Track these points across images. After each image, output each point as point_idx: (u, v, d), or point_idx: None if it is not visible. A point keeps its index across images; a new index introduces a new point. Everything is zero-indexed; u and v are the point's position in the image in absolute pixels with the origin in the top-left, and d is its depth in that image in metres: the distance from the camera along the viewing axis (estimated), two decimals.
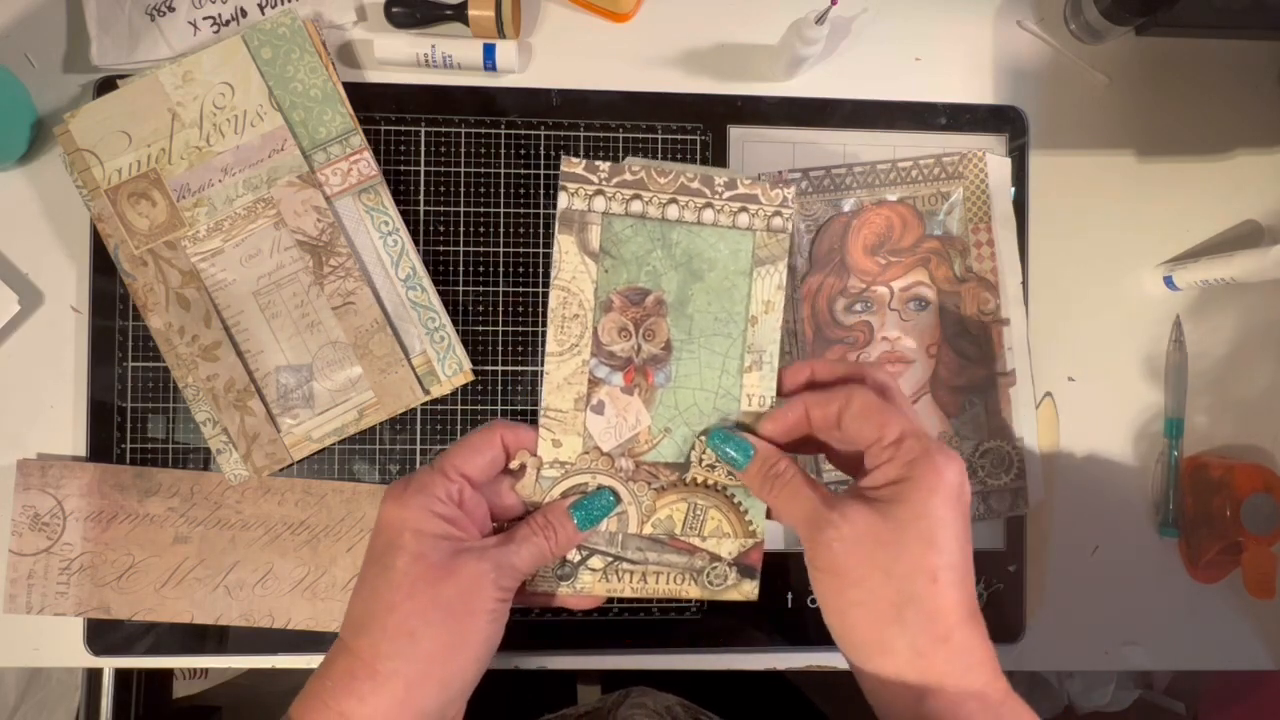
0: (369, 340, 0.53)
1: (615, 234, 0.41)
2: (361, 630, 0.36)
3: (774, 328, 0.42)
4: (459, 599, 0.36)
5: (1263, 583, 0.57)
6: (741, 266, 0.42)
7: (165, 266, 0.52)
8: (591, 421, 0.41)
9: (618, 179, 0.41)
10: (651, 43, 0.59)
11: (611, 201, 0.41)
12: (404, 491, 0.37)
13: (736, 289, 0.42)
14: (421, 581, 0.36)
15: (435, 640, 0.35)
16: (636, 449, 0.41)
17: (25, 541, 0.53)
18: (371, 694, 0.35)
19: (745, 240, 0.42)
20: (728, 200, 0.41)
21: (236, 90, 0.52)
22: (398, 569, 0.36)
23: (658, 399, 0.41)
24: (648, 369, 0.41)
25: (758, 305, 0.42)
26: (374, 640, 0.36)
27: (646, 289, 0.41)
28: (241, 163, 0.52)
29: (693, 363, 0.42)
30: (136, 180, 0.52)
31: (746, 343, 0.42)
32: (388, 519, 0.37)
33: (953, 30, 0.60)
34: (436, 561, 0.36)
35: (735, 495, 0.42)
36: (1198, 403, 0.61)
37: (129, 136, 0.51)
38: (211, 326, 0.52)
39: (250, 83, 0.52)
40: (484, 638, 0.37)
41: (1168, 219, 0.61)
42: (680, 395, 0.42)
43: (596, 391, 0.41)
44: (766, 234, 0.42)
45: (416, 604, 0.35)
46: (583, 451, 0.41)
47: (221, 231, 0.52)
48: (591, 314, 0.41)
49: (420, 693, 0.35)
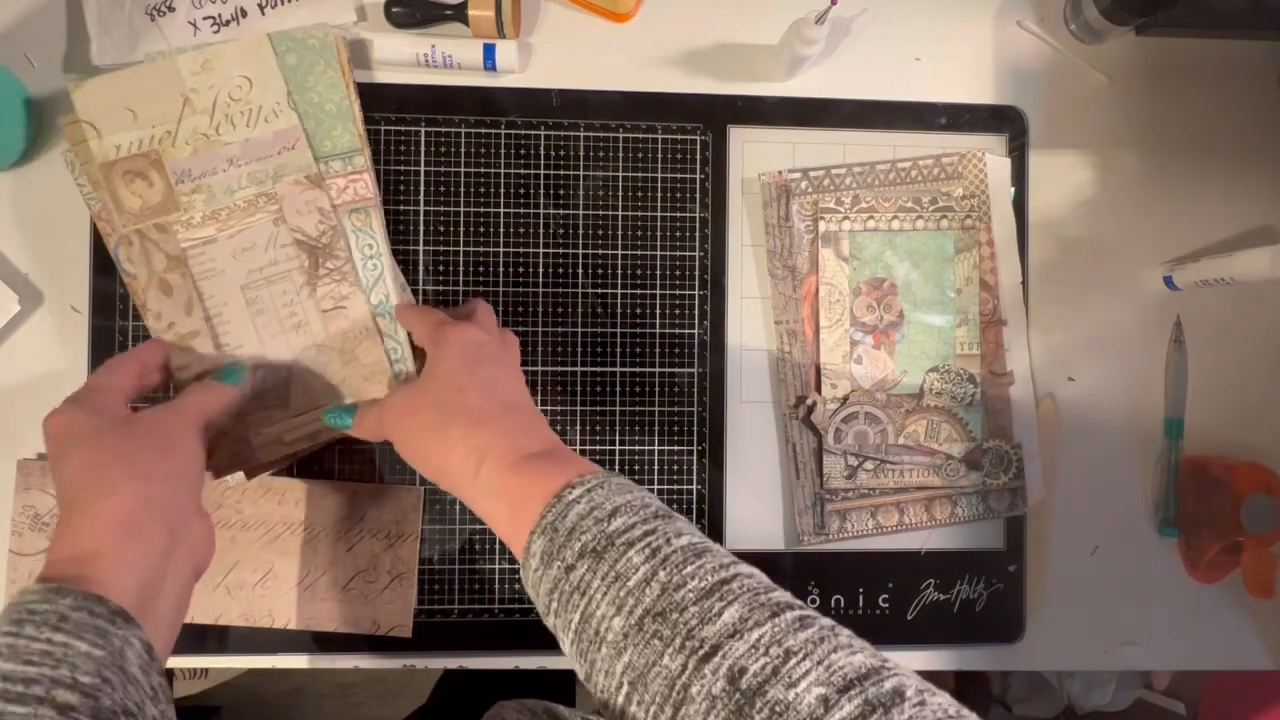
0: (356, 347, 0.53)
1: (858, 243, 0.58)
2: (75, 496, 0.41)
3: (973, 296, 0.59)
4: (148, 434, 0.43)
5: (1263, 583, 0.57)
6: (947, 255, 0.58)
7: (152, 249, 0.51)
8: (855, 370, 0.58)
9: (856, 207, 0.58)
10: (651, 43, 0.59)
11: (854, 223, 0.58)
12: (75, 403, 0.44)
13: (945, 272, 0.58)
14: (103, 431, 0.43)
15: (141, 460, 0.42)
16: (886, 386, 0.58)
17: (25, 541, 0.53)
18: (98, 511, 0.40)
19: (948, 238, 0.58)
20: (932, 212, 0.58)
21: (255, 85, 0.52)
22: (99, 445, 0.42)
23: (898, 351, 0.58)
24: (889, 331, 0.58)
25: (961, 280, 0.59)
26: (96, 501, 0.40)
27: (883, 278, 0.58)
28: (249, 156, 0.52)
29: (919, 325, 0.58)
30: (135, 159, 0.51)
31: (956, 308, 0.58)
32: (49, 428, 0.43)
33: (953, 30, 0.60)
34: (118, 421, 0.44)
35: (959, 413, 0.58)
36: (1198, 403, 0.61)
37: (134, 114, 0.51)
38: (192, 315, 0.51)
39: (269, 80, 0.52)
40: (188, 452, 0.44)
41: (1167, 219, 0.61)
42: (912, 347, 0.58)
43: (856, 349, 0.58)
44: (961, 231, 0.58)
45: (108, 446, 0.42)
46: (852, 389, 0.57)
47: (217, 220, 0.51)
48: (847, 298, 0.58)
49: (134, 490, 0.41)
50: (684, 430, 0.57)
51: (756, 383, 0.58)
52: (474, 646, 0.56)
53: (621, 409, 0.57)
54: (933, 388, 0.58)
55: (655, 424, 0.57)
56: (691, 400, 0.57)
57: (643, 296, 0.57)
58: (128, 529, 0.39)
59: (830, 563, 0.58)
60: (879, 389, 0.58)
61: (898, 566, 0.58)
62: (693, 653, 0.33)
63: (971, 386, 0.58)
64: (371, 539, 0.55)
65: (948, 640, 0.59)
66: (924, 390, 0.58)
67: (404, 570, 0.55)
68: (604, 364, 0.57)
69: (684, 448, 0.57)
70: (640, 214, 0.57)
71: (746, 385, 0.58)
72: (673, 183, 0.58)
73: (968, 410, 0.58)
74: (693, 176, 0.58)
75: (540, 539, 0.39)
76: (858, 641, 0.33)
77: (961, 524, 0.58)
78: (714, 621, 0.33)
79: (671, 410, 0.57)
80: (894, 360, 0.58)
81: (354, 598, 0.54)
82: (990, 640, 0.59)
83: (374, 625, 0.54)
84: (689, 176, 0.58)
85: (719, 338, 0.58)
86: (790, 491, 0.58)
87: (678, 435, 0.57)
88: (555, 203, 0.57)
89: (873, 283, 0.58)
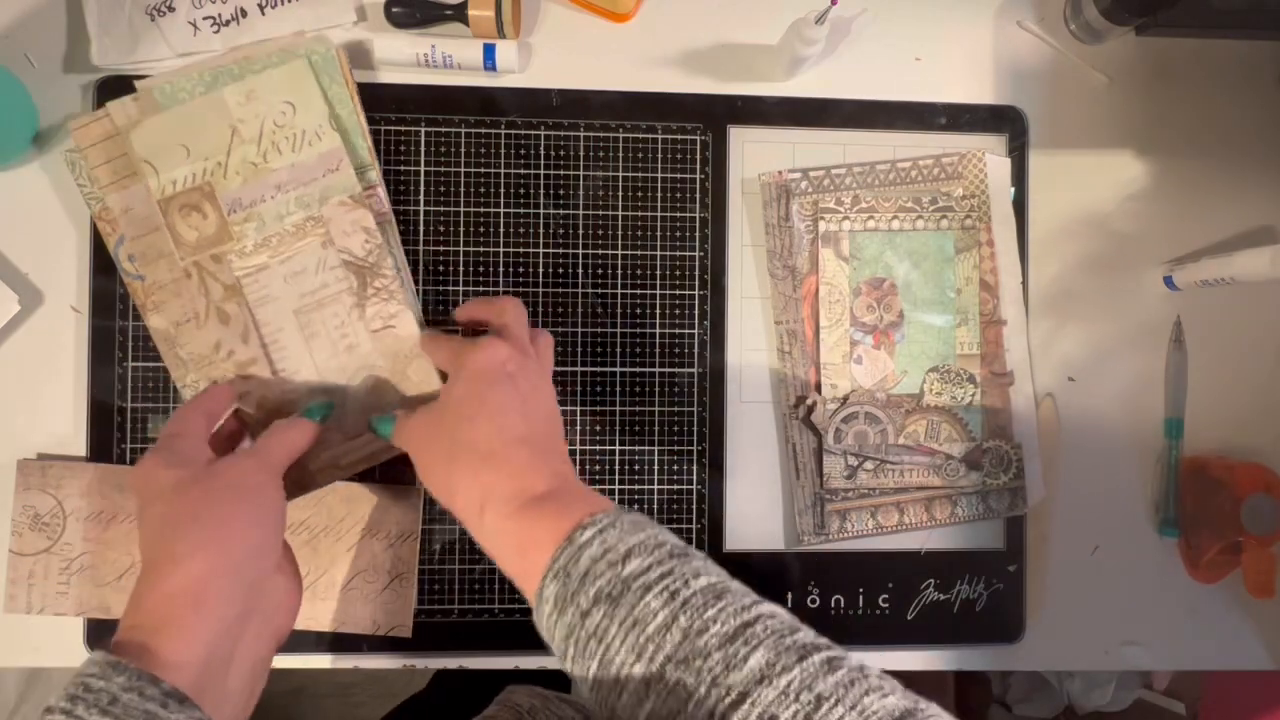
0: (406, 366, 0.52)
1: (858, 243, 0.58)
2: (151, 559, 0.40)
3: (973, 296, 0.58)
4: (228, 487, 0.42)
5: (1263, 583, 0.57)
6: (947, 255, 0.58)
7: (209, 280, 0.51)
8: (855, 370, 0.58)
9: (856, 207, 0.57)
10: (651, 43, 0.59)
11: (854, 223, 0.58)
12: (160, 453, 0.43)
13: (945, 272, 0.58)
14: (185, 484, 0.42)
15: (216, 518, 0.41)
16: (886, 386, 0.58)
17: (25, 541, 0.53)
18: (170, 575, 0.39)
19: (948, 238, 0.58)
20: (932, 212, 0.58)
21: (297, 110, 0.52)
22: (190, 496, 0.41)
23: (897, 351, 0.58)
24: (889, 331, 0.58)
25: (961, 280, 0.58)
26: (169, 544, 0.40)
27: (883, 278, 0.58)
28: (295, 180, 0.52)
29: (919, 325, 0.58)
30: (190, 192, 0.51)
31: (956, 308, 0.58)
32: (131, 483, 0.44)
33: (953, 30, 0.60)
34: (192, 474, 0.42)
35: (959, 413, 0.58)
36: (1198, 402, 0.61)
37: (187, 149, 0.51)
38: (249, 342, 0.51)
39: (311, 104, 0.52)
40: (260, 506, 0.43)
41: (1168, 219, 0.61)
42: (912, 347, 0.58)
43: (856, 349, 0.58)
44: (961, 231, 0.58)
45: (186, 503, 0.41)
46: (852, 389, 0.57)
47: (269, 247, 0.52)
48: (847, 298, 0.58)
49: (213, 556, 0.40)
50: (684, 430, 0.57)
51: (756, 383, 0.58)
52: (474, 646, 0.56)
53: (621, 409, 0.57)
54: (933, 388, 0.58)
55: (655, 424, 0.57)
56: (691, 400, 0.57)
57: (643, 296, 0.57)
58: (195, 601, 0.38)
59: (830, 563, 0.58)
60: (879, 389, 0.58)
61: (898, 566, 0.58)
62: (719, 700, 0.32)
63: (971, 386, 0.58)
64: (371, 539, 0.55)
65: (948, 640, 0.59)
66: (924, 390, 0.58)
67: (404, 570, 0.55)
68: (604, 364, 0.57)
69: (684, 448, 0.57)
70: (640, 214, 0.57)
71: (746, 385, 0.58)
72: (673, 183, 0.58)
73: (968, 410, 0.58)
74: (693, 176, 0.58)
75: (553, 584, 0.38)
76: (888, 682, 0.33)
77: (961, 524, 0.58)
78: (740, 668, 0.32)
79: (671, 410, 0.57)
80: (894, 360, 0.58)
81: (354, 598, 0.54)
82: (990, 640, 0.59)
83: (374, 625, 0.54)
84: (689, 176, 0.58)
85: (719, 338, 0.58)
86: (790, 491, 0.58)
87: (678, 435, 0.57)
88: (555, 203, 0.57)
89: (873, 283, 0.58)
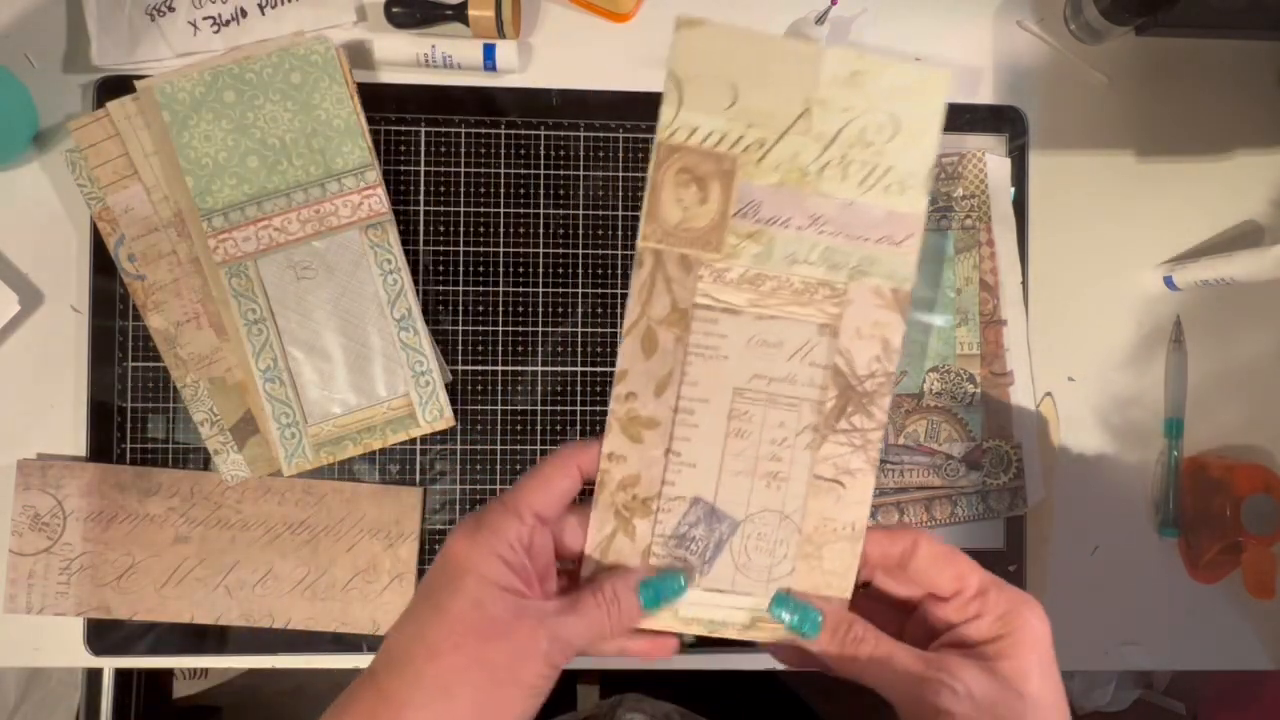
0: (827, 544, 0.38)
1: None
2: (396, 670, 0.34)
3: (973, 296, 0.59)
4: (505, 665, 0.33)
5: (1263, 583, 0.57)
6: (947, 255, 0.59)
7: (660, 285, 0.37)
8: None
9: None
10: (651, 43, 0.59)
11: None
12: (476, 530, 0.34)
13: (944, 272, 0.59)
14: (472, 634, 0.33)
15: (470, 703, 0.33)
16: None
17: (25, 541, 0.53)
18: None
19: (948, 238, 0.59)
20: (932, 212, 0.58)
21: (900, 135, 0.36)
22: (452, 612, 0.33)
23: None
24: None
25: (961, 280, 0.59)
26: (407, 684, 0.33)
27: None
28: (840, 225, 0.36)
29: (917, 325, 0.59)
30: (706, 156, 0.36)
31: (956, 308, 0.59)
32: (454, 556, 0.34)
33: (953, 30, 0.60)
34: (493, 615, 0.33)
35: (959, 413, 0.58)
36: (1198, 403, 0.61)
37: (736, 95, 0.36)
38: (661, 397, 0.36)
39: (924, 137, 0.35)
40: (520, 710, 0.34)
41: (1168, 219, 0.61)
42: (912, 347, 0.59)
43: None
44: (961, 231, 0.59)
45: (460, 658, 0.33)
46: None
47: (755, 289, 0.36)
48: None
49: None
50: None
51: None
52: None
53: None
54: (933, 388, 0.58)
55: None
56: None
57: None
58: None
59: None
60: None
61: None
62: None
63: (971, 386, 0.58)
64: (371, 539, 0.55)
65: None
66: (924, 390, 0.58)
67: (404, 570, 0.55)
68: (604, 364, 0.57)
69: None
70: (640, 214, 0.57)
71: None
72: None
73: (968, 410, 0.58)
74: None
75: None
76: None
77: (961, 524, 0.58)
78: None
79: None
80: None
81: (354, 598, 0.54)
82: None
83: (374, 625, 0.54)
84: None
85: None
86: None
87: None
88: (555, 203, 0.57)
89: None
